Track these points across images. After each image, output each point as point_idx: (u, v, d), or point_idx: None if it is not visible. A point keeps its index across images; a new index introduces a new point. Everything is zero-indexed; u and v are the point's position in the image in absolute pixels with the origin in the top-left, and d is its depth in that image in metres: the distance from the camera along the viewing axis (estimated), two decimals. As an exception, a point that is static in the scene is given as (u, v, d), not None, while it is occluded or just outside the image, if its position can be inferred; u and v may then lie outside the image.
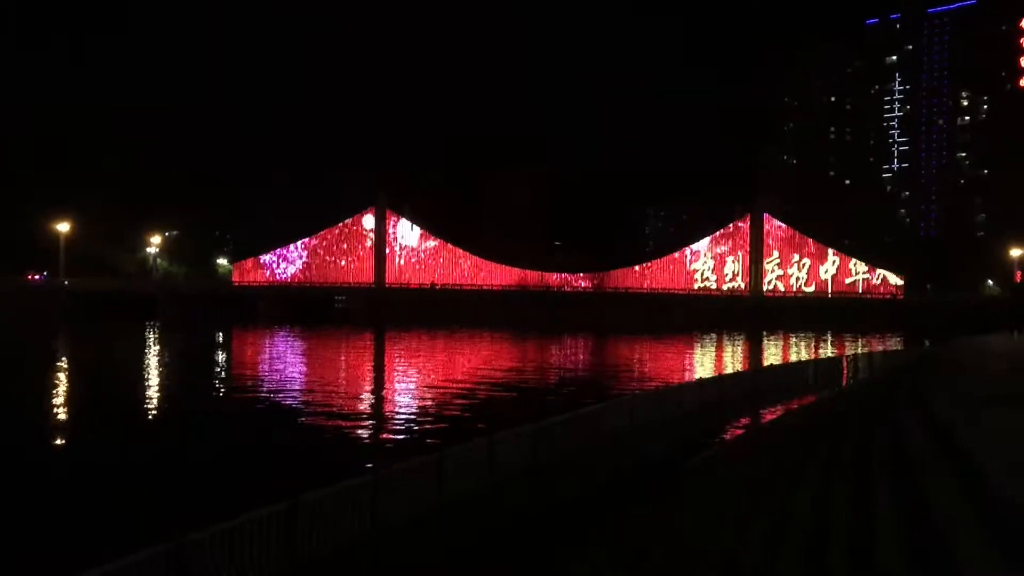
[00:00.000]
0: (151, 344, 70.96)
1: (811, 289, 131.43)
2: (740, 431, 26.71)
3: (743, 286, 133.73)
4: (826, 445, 15.82)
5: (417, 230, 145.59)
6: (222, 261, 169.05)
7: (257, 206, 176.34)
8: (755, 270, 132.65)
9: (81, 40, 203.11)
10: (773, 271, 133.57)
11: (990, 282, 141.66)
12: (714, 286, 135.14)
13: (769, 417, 28.78)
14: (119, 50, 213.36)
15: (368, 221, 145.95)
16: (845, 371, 41.18)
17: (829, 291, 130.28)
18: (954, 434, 10.42)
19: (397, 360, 58.98)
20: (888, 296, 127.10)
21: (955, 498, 8.19)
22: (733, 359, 62.98)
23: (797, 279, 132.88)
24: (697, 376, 42.38)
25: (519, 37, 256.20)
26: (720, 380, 30.35)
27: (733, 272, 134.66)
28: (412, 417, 30.92)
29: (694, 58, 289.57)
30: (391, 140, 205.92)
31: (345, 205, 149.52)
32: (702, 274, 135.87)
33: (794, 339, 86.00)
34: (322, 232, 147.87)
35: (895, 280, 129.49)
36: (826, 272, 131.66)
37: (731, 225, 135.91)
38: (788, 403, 31.02)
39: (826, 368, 40.40)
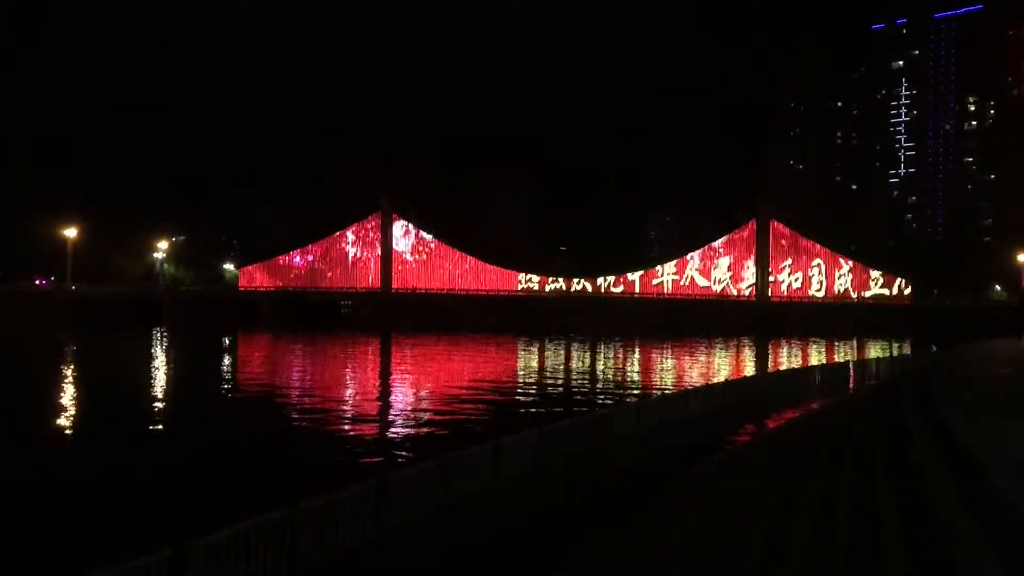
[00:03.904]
0: (156, 349, 71.16)
1: (817, 294, 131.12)
2: (745, 436, 26.66)
3: (749, 291, 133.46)
4: (830, 449, 15.82)
5: (422, 234, 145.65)
6: (228, 266, 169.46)
7: (258, 207, 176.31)
8: (761, 275, 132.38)
9: (81, 40, 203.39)
10: (778, 276, 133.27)
11: (997, 287, 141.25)
12: (719, 291, 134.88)
13: (775, 423, 28.72)
14: (119, 50, 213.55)
15: (372, 225, 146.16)
16: (851, 377, 41.09)
17: (835, 296, 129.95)
18: (956, 436, 10.42)
19: (403, 365, 59.01)
20: (894, 301, 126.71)
21: (956, 498, 8.19)
22: (739, 364, 62.85)
23: (802, 284, 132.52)
24: (702, 382, 42.32)
25: (519, 37, 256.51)
26: (725, 386, 30.29)
27: (738, 277, 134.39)
28: (416, 421, 30.93)
29: (695, 58, 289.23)
30: (391, 140, 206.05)
31: (349, 209, 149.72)
32: (706, 279, 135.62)
33: (800, 344, 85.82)
34: (327, 237, 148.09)
35: (902, 285, 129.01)
36: (831, 277, 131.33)
37: (736, 230, 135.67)
38: (795, 408, 31.00)
39: (832, 374, 40.33)
